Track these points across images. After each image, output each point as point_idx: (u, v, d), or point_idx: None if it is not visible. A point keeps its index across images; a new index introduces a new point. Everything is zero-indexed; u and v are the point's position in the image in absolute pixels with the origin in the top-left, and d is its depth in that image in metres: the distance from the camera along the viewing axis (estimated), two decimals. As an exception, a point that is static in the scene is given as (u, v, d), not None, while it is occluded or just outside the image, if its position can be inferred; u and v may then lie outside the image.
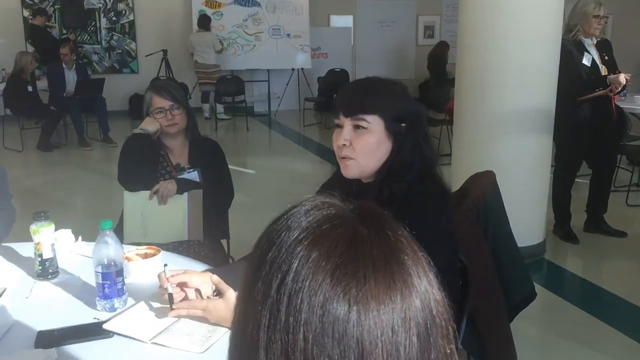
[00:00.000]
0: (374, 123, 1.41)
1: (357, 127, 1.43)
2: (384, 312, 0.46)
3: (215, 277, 1.42)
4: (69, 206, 5.10)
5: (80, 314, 1.45)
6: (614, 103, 3.83)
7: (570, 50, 3.62)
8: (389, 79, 1.51)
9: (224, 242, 2.70)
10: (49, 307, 1.51)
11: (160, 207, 2.37)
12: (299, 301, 0.46)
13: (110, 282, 1.45)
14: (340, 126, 1.47)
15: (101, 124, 7.62)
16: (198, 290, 1.47)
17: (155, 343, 1.31)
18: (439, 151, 6.66)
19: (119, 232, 2.40)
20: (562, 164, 3.95)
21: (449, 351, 0.48)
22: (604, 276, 3.69)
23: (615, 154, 4.09)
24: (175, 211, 2.41)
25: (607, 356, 2.67)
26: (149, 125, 2.44)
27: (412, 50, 11.50)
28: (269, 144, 8.82)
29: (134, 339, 1.33)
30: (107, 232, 1.46)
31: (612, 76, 3.60)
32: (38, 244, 1.63)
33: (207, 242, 2.45)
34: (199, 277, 1.50)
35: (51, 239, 1.66)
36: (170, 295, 1.41)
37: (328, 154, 7.42)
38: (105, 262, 1.46)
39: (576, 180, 4.12)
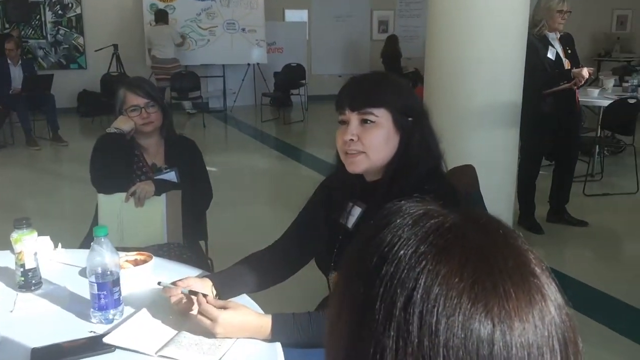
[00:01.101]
0: (382, 117, 1.38)
1: (364, 121, 1.39)
2: (528, 329, 0.42)
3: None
4: (23, 210, 4.85)
5: (74, 328, 1.36)
6: (577, 96, 3.94)
7: (536, 44, 3.70)
8: (392, 73, 1.48)
9: (202, 243, 2.62)
10: (38, 321, 1.41)
11: (137, 210, 2.27)
12: (434, 321, 0.42)
13: (107, 292, 1.36)
14: (344, 122, 1.43)
15: (50, 122, 7.30)
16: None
17: (163, 356, 1.24)
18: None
19: (91, 238, 2.29)
20: (527, 156, 4.04)
21: None
22: (568, 264, 3.80)
23: (576, 145, 4.22)
24: (153, 213, 2.31)
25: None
26: (122, 124, 2.33)
27: (367, 44, 11.55)
28: (226, 140, 8.68)
29: (138, 352, 1.26)
30: (102, 239, 1.37)
31: (576, 70, 3.71)
32: (20, 253, 1.52)
33: (187, 244, 2.37)
34: (200, 283, 1.43)
35: (34, 248, 1.55)
36: (191, 290, 1.35)
37: (287, 150, 7.38)
38: (100, 271, 1.37)
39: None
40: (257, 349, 1.28)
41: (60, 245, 1.79)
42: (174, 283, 1.41)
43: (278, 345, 1.29)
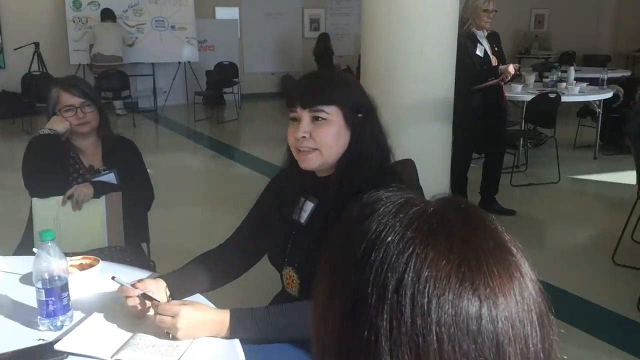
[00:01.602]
0: (333, 114, 1.41)
1: (316, 118, 1.42)
2: (511, 304, 0.46)
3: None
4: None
5: (21, 337, 1.31)
6: (504, 92, 4.13)
7: (465, 42, 3.85)
8: (341, 71, 1.51)
9: (144, 245, 2.56)
10: (-21, 333, 1.34)
11: (75, 213, 2.20)
12: (425, 301, 0.45)
13: (55, 298, 1.32)
14: (296, 119, 1.45)
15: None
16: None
17: (119, 359, 1.22)
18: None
19: (27, 244, 2.20)
20: (458, 149, 4.20)
21: (554, 338, 0.50)
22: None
23: (504, 139, 4.43)
24: (93, 216, 2.24)
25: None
26: (57, 124, 2.25)
27: (299, 42, 11.60)
28: (159, 141, 8.48)
29: (93, 357, 1.23)
30: (49, 244, 1.33)
31: (502, 66, 3.89)
32: (-45, 262, 1.45)
33: (129, 247, 2.32)
34: (154, 284, 1.41)
35: (-30, 255, 1.47)
36: (144, 294, 1.33)
37: (222, 149, 7.31)
38: (47, 277, 1.32)
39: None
40: (216, 348, 1.28)
41: (-4, 252, 1.71)
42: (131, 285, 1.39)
43: (237, 343, 1.30)
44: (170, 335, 1.28)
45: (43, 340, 1.29)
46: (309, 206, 1.55)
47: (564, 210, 4.82)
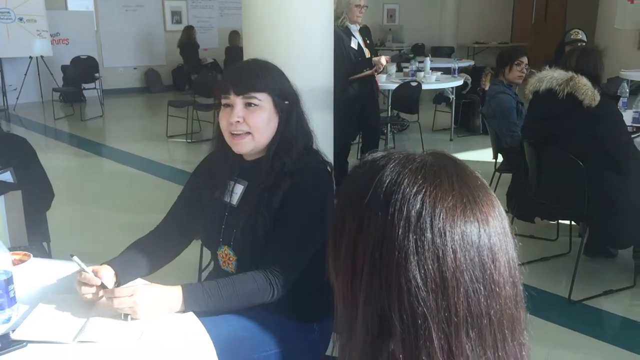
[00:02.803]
0: (264, 100, 1.55)
1: (248, 104, 1.54)
2: (496, 224, 0.65)
3: None
4: None
5: (-33, 334, 1.29)
6: (378, 82, 4.48)
7: (341, 35, 4.12)
8: (268, 61, 1.64)
9: (45, 245, 2.49)
10: None
11: (-28, 215, 2.10)
12: (440, 226, 0.62)
13: (2, 291, 1.32)
14: (228, 105, 1.56)
15: None
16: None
17: (82, 341, 1.26)
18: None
19: None
20: (338, 137, 4.48)
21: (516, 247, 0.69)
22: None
23: (378, 125, 4.80)
24: (-8, 217, 2.15)
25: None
26: (-57, 124, 2.12)
27: (161, 35, 11.30)
28: (15, 141, 7.83)
29: (54, 342, 1.26)
30: (-8, 238, 1.32)
31: (376, 58, 4.23)
32: None
33: (32, 246, 2.25)
34: (103, 270, 1.45)
35: None
36: (103, 284, 1.39)
37: (90, 147, 6.99)
38: (-10, 272, 1.32)
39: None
40: (173, 319, 1.37)
41: None
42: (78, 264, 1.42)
43: (192, 315, 1.39)
44: (129, 317, 1.34)
45: (-6, 333, 1.29)
46: (239, 188, 1.67)
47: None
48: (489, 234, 0.64)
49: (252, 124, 1.54)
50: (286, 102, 1.60)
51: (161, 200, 4.88)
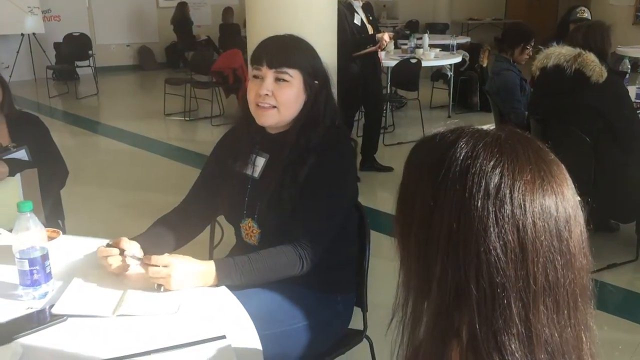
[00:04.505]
0: (295, 77, 1.56)
1: (278, 79, 1.55)
2: (570, 197, 0.67)
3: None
4: None
5: (7, 308, 1.30)
6: (380, 58, 4.47)
7: (344, 12, 4.10)
8: (303, 39, 1.65)
9: (59, 222, 2.50)
10: (-44, 311, 1.32)
11: (-11, 193, 2.10)
12: (520, 198, 0.64)
13: (39, 267, 1.33)
14: (258, 77, 1.57)
15: None
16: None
17: (121, 315, 1.29)
18: (212, 113, 6.81)
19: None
20: (342, 113, 4.49)
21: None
22: (381, 203, 4.37)
23: (381, 102, 4.80)
24: (9, 195, 2.16)
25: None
26: (-41, 102, 2.11)
27: (154, 12, 11.15)
28: (9, 120, 7.76)
29: (94, 316, 1.28)
30: (28, 215, 1.33)
31: (379, 34, 4.21)
32: None
33: (48, 224, 2.26)
34: (128, 244, 1.47)
35: None
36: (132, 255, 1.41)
37: (88, 124, 6.94)
38: (26, 248, 1.33)
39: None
40: (208, 293, 1.39)
41: None
42: (109, 245, 1.44)
43: (225, 289, 1.42)
44: (162, 288, 1.36)
45: (32, 308, 1.31)
46: (260, 161, 1.68)
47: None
48: (565, 206, 0.66)
49: (279, 99, 1.56)
50: (316, 82, 1.61)
51: (162, 178, 4.92)
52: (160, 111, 7.16)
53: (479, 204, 0.65)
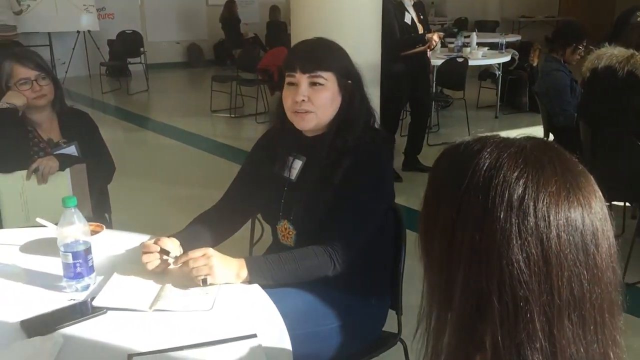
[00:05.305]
0: (329, 80, 1.57)
1: (313, 83, 1.56)
2: (598, 209, 0.65)
3: None
4: None
5: (51, 299, 1.36)
6: (429, 58, 4.42)
7: (394, 10, 4.07)
8: (333, 41, 1.65)
9: (106, 216, 2.58)
10: (4, 299, 1.38)
11: (41, 187, 2.19)
12: (545, 209, 0.62)
13: (82, 261, 1.39)
14: (293, 84, 1.58)
15: None
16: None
17: (158, 310, 1.32)
18: (257, 110, 6.89)
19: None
20: (387, 112, 4.45)
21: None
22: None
23: (429, 101, 4.73)
24: (58, 189, 2.24)
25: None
26: (14, 98, 2.20)
27: (203, 10, 11.36)
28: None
29: (132, 310, 1.32)
30: (72, 210, 1.39)
31: (429, 34, 4.16)
32: (-37, 236, 1.46)
33: (96, 218, 2.34)
34: (169, 242, 1.51)
35: (-24, 228, 1.49)
36: (164, 250, 1.46)
37: (138, 120, 7.13)
38: (72, 241, 1.39)
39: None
40: (241, 291, 1.42)
41: (-14, 226, 1.71)
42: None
43: (258, 287, 1.44)
44: (207, 281, 1.39)
45: (74, 300, 1.36)
46: (297, 164, 1.70)
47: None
48: (592, 219, 0.64)
49: (316, 103, 1.56)
50: (349, 82, 1.61)
51: (207, 174, 5.01)
52: (207, 108, 7.30)
53: (501, 216, 0.64)
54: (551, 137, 3.89)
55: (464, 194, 0.67)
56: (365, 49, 3.87)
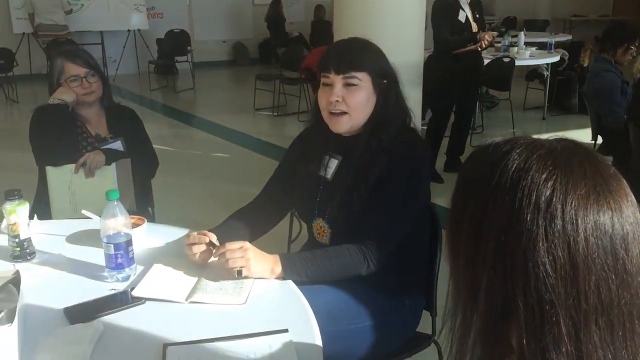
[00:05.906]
0: (364, 80, 1.57)
1: (348, 84, 1.56)
2: (629, 213, 0.63)
3: None
4: None
5: (93, 288, 1.42)
6: (482, 57, 4.35)
7: (448, 7, 4.02)
8: (368, 40, 1.65)
9: (149, 210, 2.66)
10: (51, 287, 1.44)
11: (87, 180, 2.27)
12: (573, 213, 0.61)
13: (123, 252, 1.44)
14: (327, 84, 1.59)
15: None
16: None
17: (193, 302, 1.36)
18: (299, 109, 6.93)
19: (41, 208, 2.25)
20: (437, 111, 4.40)
21: None
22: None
23: (476, 101, 4.65)
24: (104, 183, 2.32)
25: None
26: (64, 95, 2.29)
27: (249, 9, 11.50)
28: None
29: (169, 301, 1.36)
30: (115, 203, 1.44)
31: (482, 33, 4.09)
32: (14, 224, 1.53)
33: (139, 211, 2.41)
34: (210, 236, 1.54)
35: (26, 218, 1.56)
36: (211, 242, 1.49)
37: (184, 117, 7.28)
38: (112, 233, 1.44)
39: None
40: (275, 287, 1.44)
41: (36, 217, 1.78)
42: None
43: (292, 284, 1.46)
44: (242, 273, 1.42)
45: (115, 290, 1.41)
46: (333, 163, 1.71)
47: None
48: (622, 223, 0.63)
49: (350, 104, 1.57)
50: (384, 82, 1.61)
51: (249, 171, 5.08)
52: (251, 106, 7.39)
53: (528, 218, 0.63)
54: (600, 139, 3.77)
55: (490, 195, 0.67)
56: (408, 49, 3.84)
